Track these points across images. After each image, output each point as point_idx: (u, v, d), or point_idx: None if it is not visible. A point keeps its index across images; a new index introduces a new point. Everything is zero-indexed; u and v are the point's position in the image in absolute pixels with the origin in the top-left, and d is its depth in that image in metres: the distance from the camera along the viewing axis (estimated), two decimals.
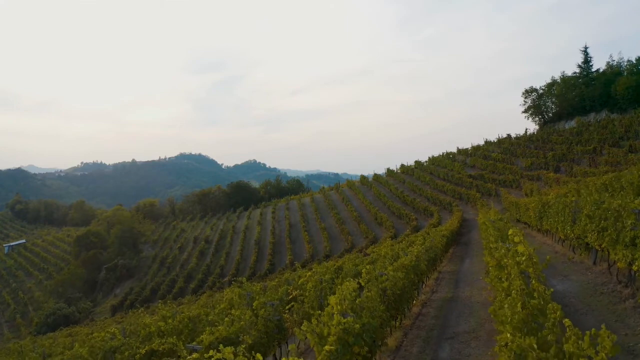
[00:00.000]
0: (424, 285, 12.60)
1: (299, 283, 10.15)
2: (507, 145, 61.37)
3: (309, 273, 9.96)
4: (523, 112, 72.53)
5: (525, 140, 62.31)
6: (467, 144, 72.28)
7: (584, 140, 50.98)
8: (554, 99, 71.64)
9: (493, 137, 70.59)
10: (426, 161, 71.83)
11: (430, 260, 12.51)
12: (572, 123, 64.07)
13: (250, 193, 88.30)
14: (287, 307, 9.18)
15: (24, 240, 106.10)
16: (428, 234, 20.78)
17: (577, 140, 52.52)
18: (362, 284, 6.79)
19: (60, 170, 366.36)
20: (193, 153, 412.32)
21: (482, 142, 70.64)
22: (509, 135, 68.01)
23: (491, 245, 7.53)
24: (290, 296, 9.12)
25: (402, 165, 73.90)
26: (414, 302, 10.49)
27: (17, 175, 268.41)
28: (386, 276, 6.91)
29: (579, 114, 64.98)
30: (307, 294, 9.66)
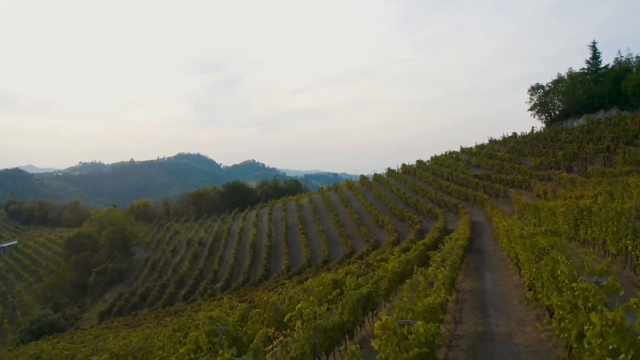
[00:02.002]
0: None
1: (286, 320, 7.70)
2: (513, 144, 58.89)
3: (299, 304, 7.49)
4: (529, 109, 70.02)
5: (532, 138, 59.82)
6: (467, 144, 69.65)
7: (596, 139, 48.58)
8: (560, 97, 69.10)
9: (496, 136, 68.24)
10: (428, 161, 69.25)
11: (452, 281, 10.09)
12: (581, 121, 61.58)
13: (246, 193, 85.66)
14: (268, 355, 6.69)
15: (16, 242, 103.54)
16: (442, 242, 18.28)
17: (588, 138, 50.12)
18: (375, 347, 4.33)
19: (59, 170, 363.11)
20: (192, 153, 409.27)
21: (485, 141, 68.25)
22: (514, 133, 65.50)
23: (570, 285, 5.00)
24: (270, 346, 6.64)
25: (404, 165, 71.34)
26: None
27: (16, 175, 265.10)
28: (413, 334, 4.44)
29: (588, 111, 62.47)
30: (295, 335, 7.19)
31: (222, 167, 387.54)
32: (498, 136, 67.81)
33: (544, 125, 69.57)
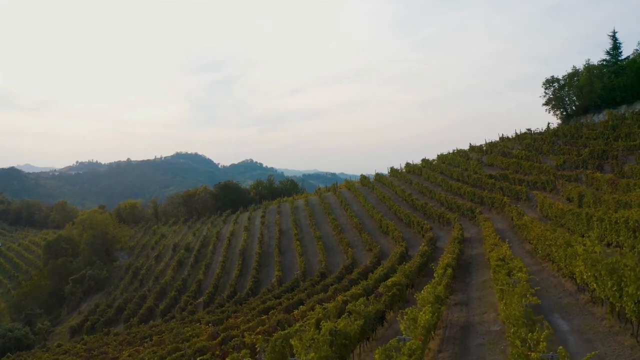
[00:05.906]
0: None
1: None
2: (529, 141, 53.87)
3: None
4: (544, 104, 64.80)
5: (549, 135, 54.82)
6: (468, 143, 64.68)
7: (624, 135, 43.62)
8: (575, 91, 63.96)
9: (499, 135, 63.53)
10: (434, 159, 64.10)
11: None
12: (601, 116, 56.57)
13: (239, 194, 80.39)
14: None
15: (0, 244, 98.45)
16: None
17: (614, 134, 45.19)
18: None
19: (55, 170, 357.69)
20: (189, 152, 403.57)
21: (495, 139, 63.30)
22: (529, 130, 60.61)
23: None
24: None
25: (408, 164, 66.23)
26: None
27: (11, 174, 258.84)
28: None
29: (608, 106, 57.44)
30: None
31: (219, 166, 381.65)
32: (502, 134, 63.23)
33: (559, 121, 64.56)
